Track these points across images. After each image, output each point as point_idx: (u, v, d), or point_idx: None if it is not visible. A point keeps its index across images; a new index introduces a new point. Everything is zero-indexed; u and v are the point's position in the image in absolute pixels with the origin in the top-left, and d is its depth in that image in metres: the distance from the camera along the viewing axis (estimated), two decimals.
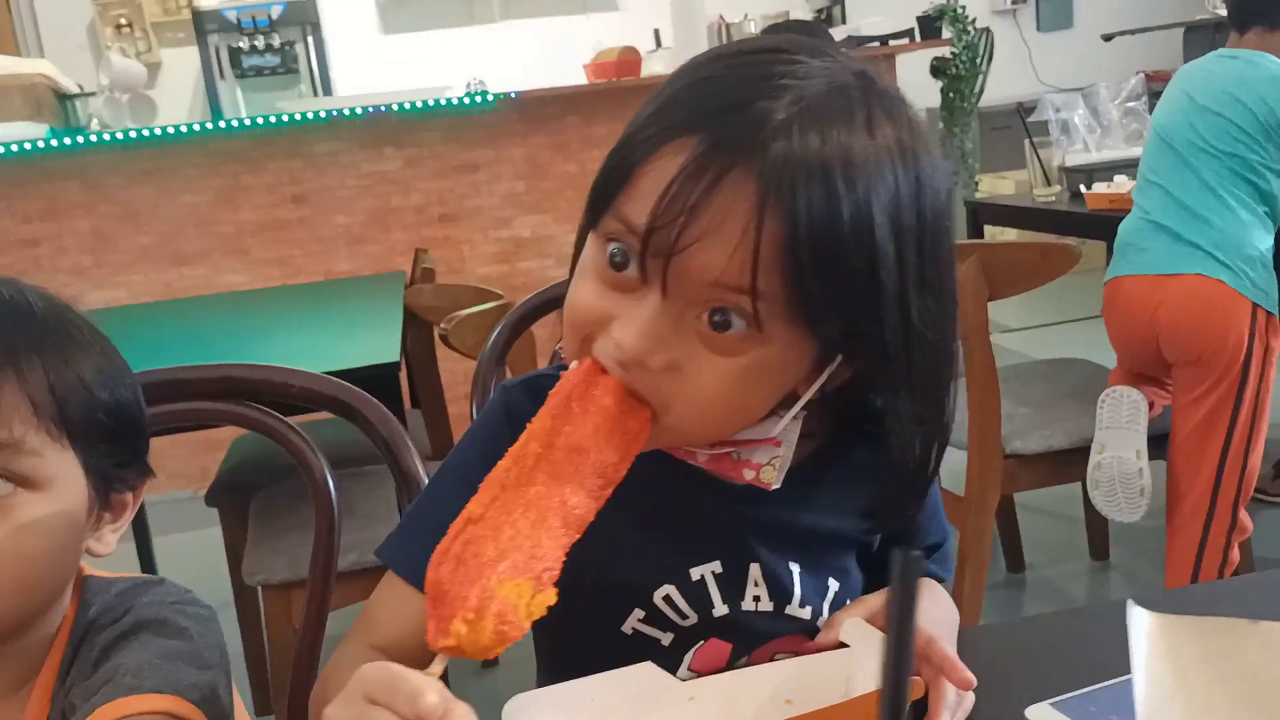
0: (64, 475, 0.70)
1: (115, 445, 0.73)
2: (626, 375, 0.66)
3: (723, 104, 0.63)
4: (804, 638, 0.77)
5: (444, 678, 0.56)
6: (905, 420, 0.69)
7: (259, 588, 1.96)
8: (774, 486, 0.73)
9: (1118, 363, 2.33)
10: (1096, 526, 2.70)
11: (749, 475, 0.73)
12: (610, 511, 0.74)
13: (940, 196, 0.67)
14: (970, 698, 0.67)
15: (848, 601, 0.78)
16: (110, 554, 0.76)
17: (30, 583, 0.69)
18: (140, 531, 2.96)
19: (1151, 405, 2.18)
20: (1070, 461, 2.19)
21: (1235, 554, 2.13)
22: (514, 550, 0.59)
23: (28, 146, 3.58)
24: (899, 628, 0.33)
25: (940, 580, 0.86)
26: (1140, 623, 0.50)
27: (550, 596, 0.59)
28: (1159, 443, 2.18)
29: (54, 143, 3.65)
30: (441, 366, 2.68)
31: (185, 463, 3.73)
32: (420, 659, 0.61)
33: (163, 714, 0.66)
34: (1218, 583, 1.86)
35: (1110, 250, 2.34)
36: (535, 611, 0.58)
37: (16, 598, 0.68)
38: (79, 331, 0.73)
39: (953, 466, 2.54)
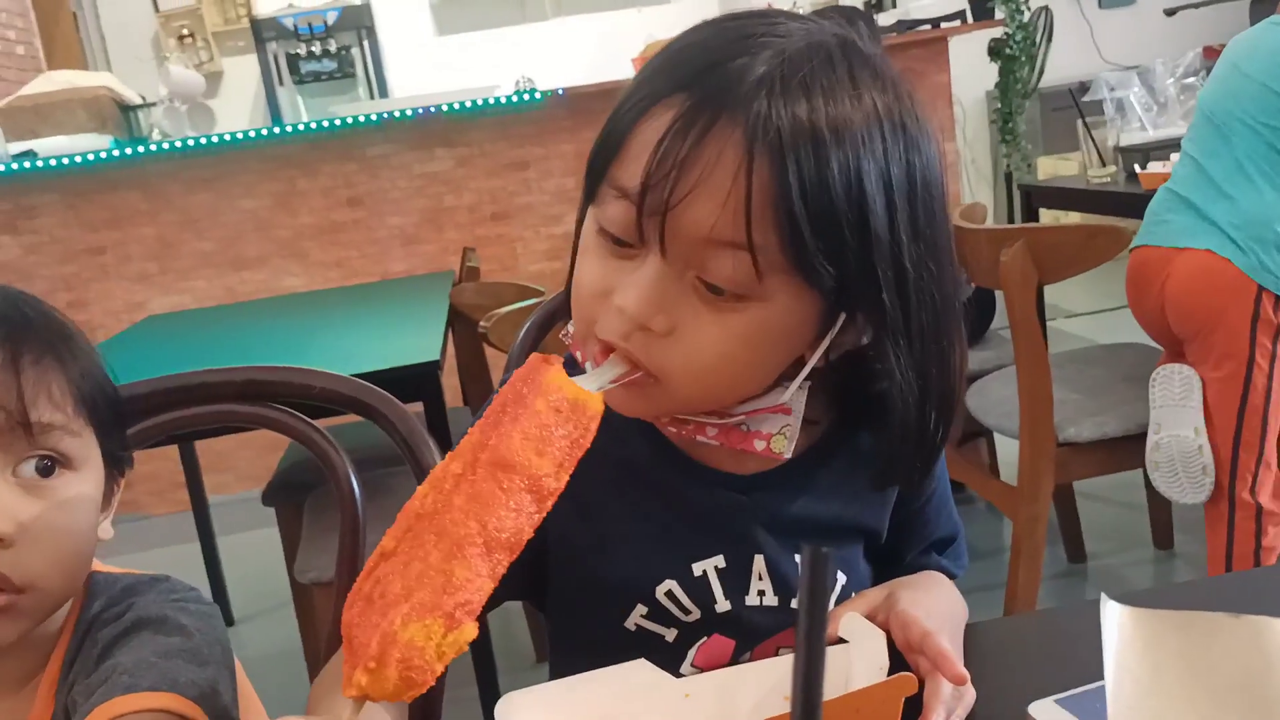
0: (94, 459, 0.74)
1: (119, 434, 0.78)
2: (628, 344, 0.66)
3: (706, 62, 0.64)
4: None
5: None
6: (906, 374, 0.69)
7: (312, 586, 2.00)
8: (786, 456, 0.73)
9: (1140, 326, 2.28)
10: (1160, 514, 2.63)
11: (759, 445, 0.72)
12: (610, 506, 0.74)
13: (927, 151, 0.67)
14: (971, 693, 0.65)
15: (853, 595, 0.77)
16: (109, 538, 0.79)
17: (78, 559, 0.73)
18: (204, 531, 3.03)
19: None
20: (1127, 448, 2.14)
21: (1273, 540, 2.06)
22: (421, 586, 0.53)
23: (91, 157, 3.69)
24: (809, 622, 0.32)
25: (951, 576, 0.85)
26: (1113, 618, 0.48)
27: (468, 632, 0.53)
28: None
29: (116, 153, 3.75)
30: (491, 365, 2.70)
31: (251, 463, 3.82)
32: None
33: (160, 711, 0.67)
34: (1246, 573, 1.79)
35: None
36: (448, 651, 0.53)
37: (68, 573, 0.72)
38: (75, 329, 0.77)
39: (1007, 456, 2.51)
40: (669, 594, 0.76)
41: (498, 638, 2.48)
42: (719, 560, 0.76)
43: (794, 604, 0.77)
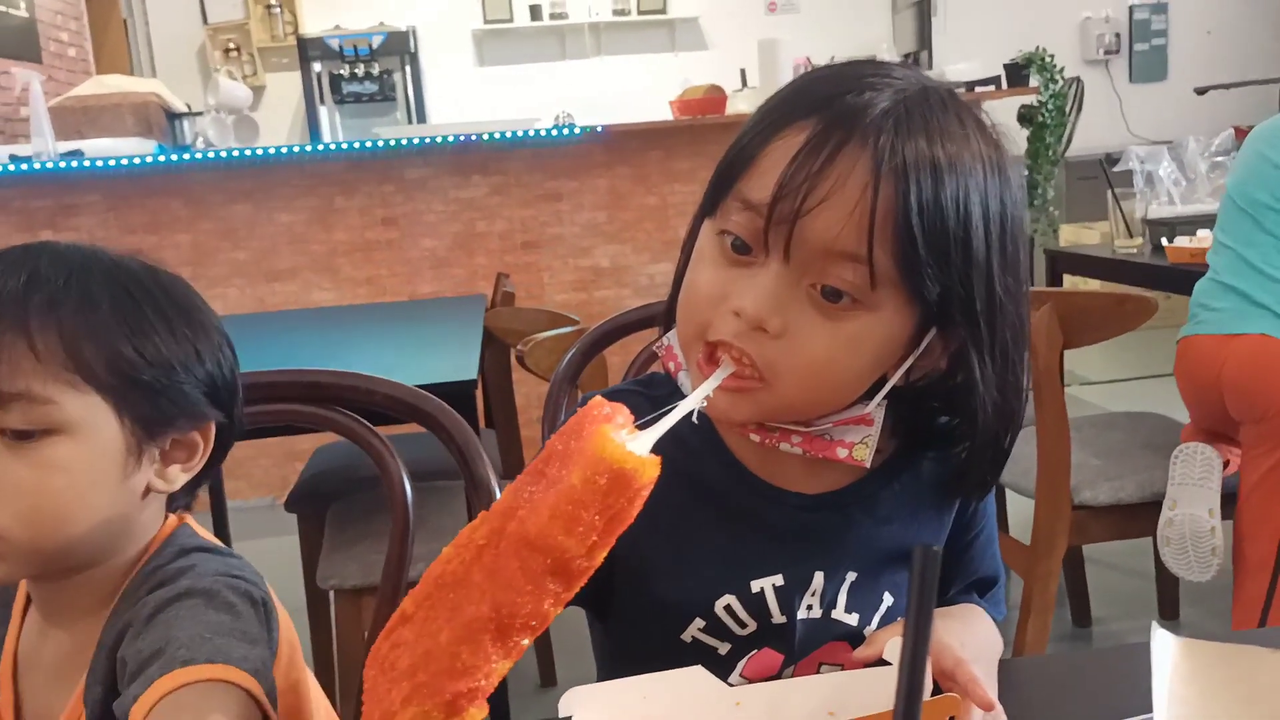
0: (90, 420, 0.76)
1: (153, 394, 0.79)
2: (742, 345, 0.71)
3: (834, 93, 0.71)
4: (849, 647, 0.80)
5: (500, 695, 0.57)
6: (988, 388, 0.75)
7: (331, 592, 2.03)
8: (866, 464, 0.78)
9: (1190, 419, 2.30)
10: (1167, 584, 2.65)
11: (842, 454, 0.77)
12: (681, 525, 0.79)
13: (1016, 194, 0.75)
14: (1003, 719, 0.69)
15: (899, 620, 0.80)
16: (174, 489, 0.83)
17: (59, 515, 0.76)
18: (222, 533, 3.06)
19: (1227, 464, 2.15)
20: (1140, 515, 2.16)
21: None
22: (426, 667, 0.52)
23: (136, 161, 3.77)
24: (917, 619, 0.36)
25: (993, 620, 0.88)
26: (1164, 646, 0.52)
27: (473, 717, 0.51)
28: (1228, 500, 2.14)
29: (161, 159, 3.83)
30: (516, 389, 2.74)
31: (268, 472, 3.86)
32: None
33: (219, 681, 0.69)
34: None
35: None
36: None
37: (47, 528, 0.75)
38: (109, 289, 0.79)
39: (1021, 516, 2.54)
40: (727, 608, 0.80)
41: None
42: (778, 579, 0.80)
43: (834, 615, 0.81)
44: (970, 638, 0.76)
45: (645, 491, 0.53)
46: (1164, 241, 2.76)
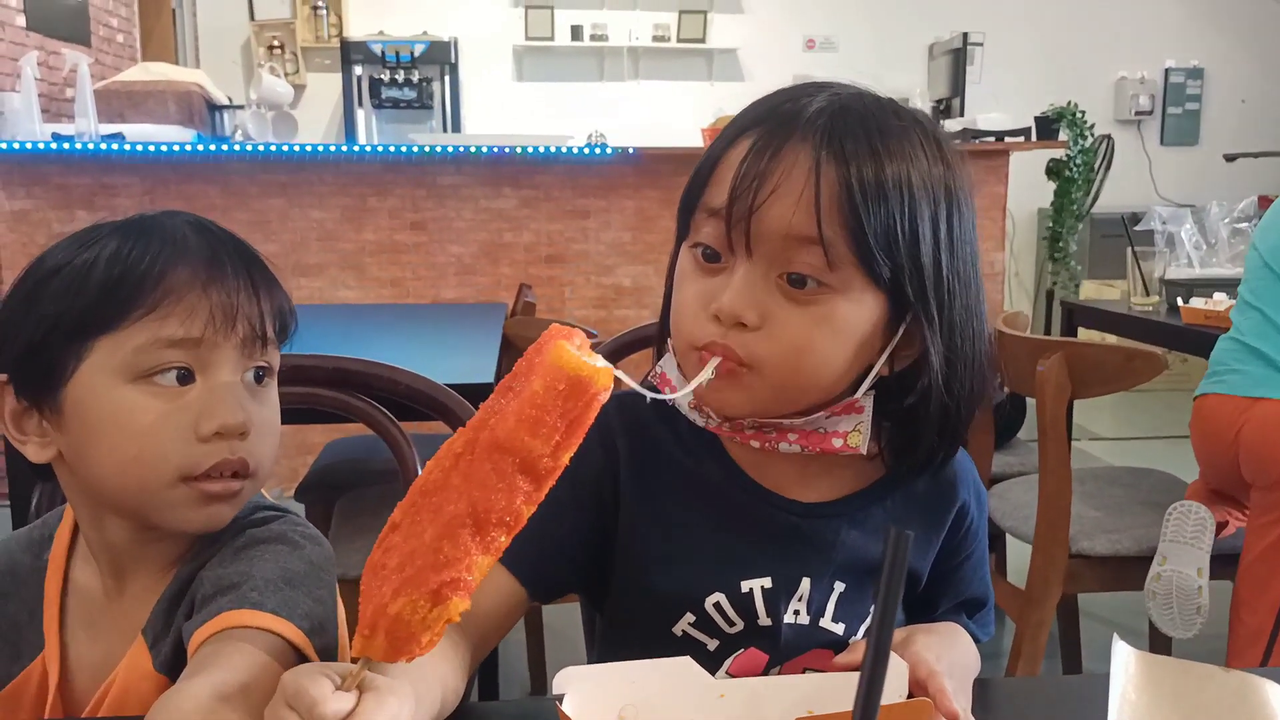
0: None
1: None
2: (727, 342, 0.77)
3: (774, 104, 0.80)
4: (834, 655, 0.83)
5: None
6: (936, 355, 0.80)
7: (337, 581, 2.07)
8: (862, 450, 0.82)
9: (1199, 477, 2.31)
10: (1159, 642, 2.65)
11: (838, 443, 0.82)
12: (679, 519, 0.83)
13: (960, 181, 0.80)
14: None
15: None
16: None
17: (276, 455, 0.85)
18: None
19: (1225, 525, 2.16)
20: (1135, 568, 2.18)
21: None
22: (411, 563, 0.56)
23: (175, 148, 3.84)
24: (885, 600, 0.39)
25: (976, 640, 0.91)
26: (1120, 657, 0.55)
27: (455, 606, 0.56)
28: (1229, 562, 2.16)
29: (200, 148, 3.90)
30: None
31: (279, 464, 3.87)
32: (481, 619, 0.72)
33: (274, 634, 0.74)
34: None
35: None
36: (434, 624, 0.56)
37: (273, 465, 0.85)
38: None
39: (1019, 562, 2.56)
40: (717, 605, 0.83)
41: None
42: (766, 581, 0.84)
43: (821, 623, 0.85)
44: (947, 652, 0.79)
45: (601, 397, 0.57)
46: (1180, 302, 2.79)
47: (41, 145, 3.74)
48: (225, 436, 0.80)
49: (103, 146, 3.78)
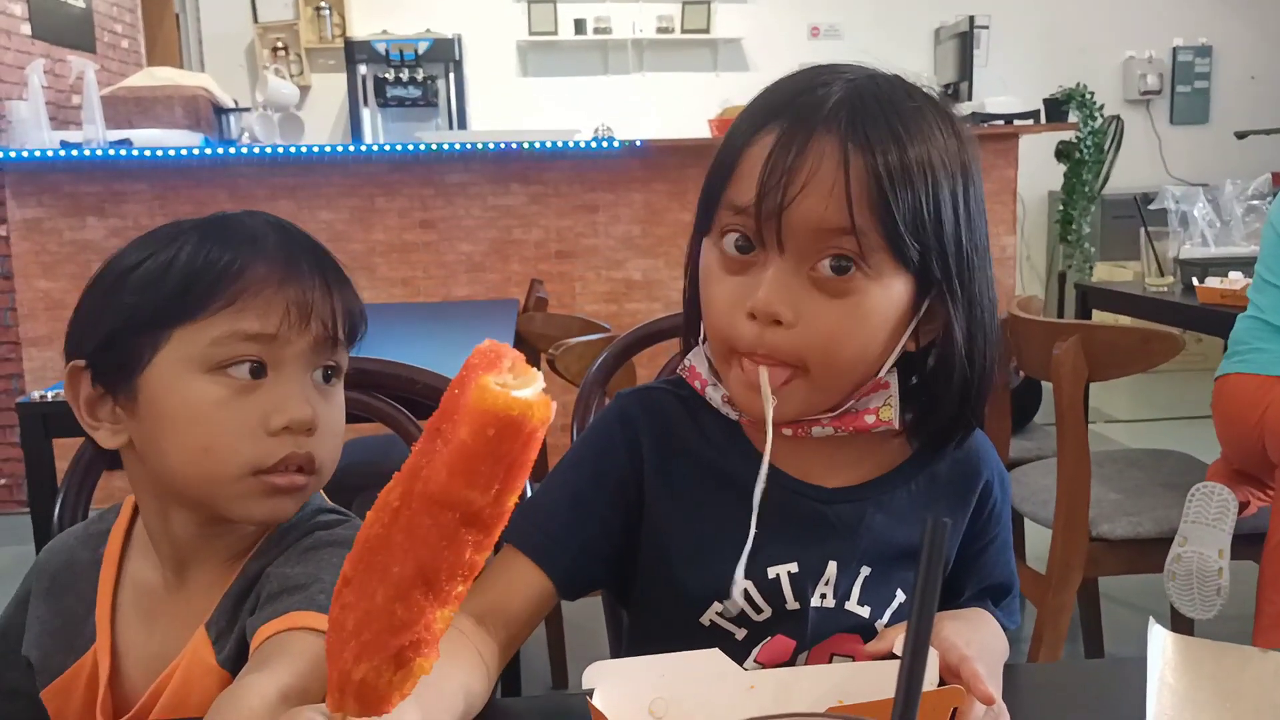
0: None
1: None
2: (766, 345, 0.77)
3: (792, 94, 0.79)
4: (860, 639, 0.83)
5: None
6: (960, 330, 0.81)
7: None
8: (894, 424, 0.83)
9: (1221, 457, 2.30)
10: (1181, 625, 2.64)
11: (870, 420, 0.83)
12: (705, 510, 0.83)
13: (972, 154, 0.81)
14: (1005, 716, 0.71)
15: None
16: None
17: (339, 456, 0.86)
18: None
19: (1248, 504, 2.15)
20: (1155, 551, 2.17)
21: None
22: (368, 626, 0.53)
23: (183, 152, 3.85)
24: (923, 590, 0.39)
25: (1004, 628, 0.91)
26: (1159, 640, 0.55)
27: (420, 667, 0.54)
28: (1253, 542, 2.14)
29: (208, 151, 3.91)
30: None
31: None
32: (511, 619, 0.72)
33: None
34: None
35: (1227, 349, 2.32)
36: (402, 685, 0.54)
37: (335, 465, 0.86)
38: None
39: (1039, 548, 2.55)
40: (744, 593, 0.83)
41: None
42: (793, 566, 0.84)
43: (847, 606, 0.85)
44: (976, 637, 0.79)
45: (540, 432, 0.50)
46: (1195, 281, 2.77)
47: (50, 153, 3.75)
48: (293, 431, 0.81)
49: (111, 153, 3.79)
